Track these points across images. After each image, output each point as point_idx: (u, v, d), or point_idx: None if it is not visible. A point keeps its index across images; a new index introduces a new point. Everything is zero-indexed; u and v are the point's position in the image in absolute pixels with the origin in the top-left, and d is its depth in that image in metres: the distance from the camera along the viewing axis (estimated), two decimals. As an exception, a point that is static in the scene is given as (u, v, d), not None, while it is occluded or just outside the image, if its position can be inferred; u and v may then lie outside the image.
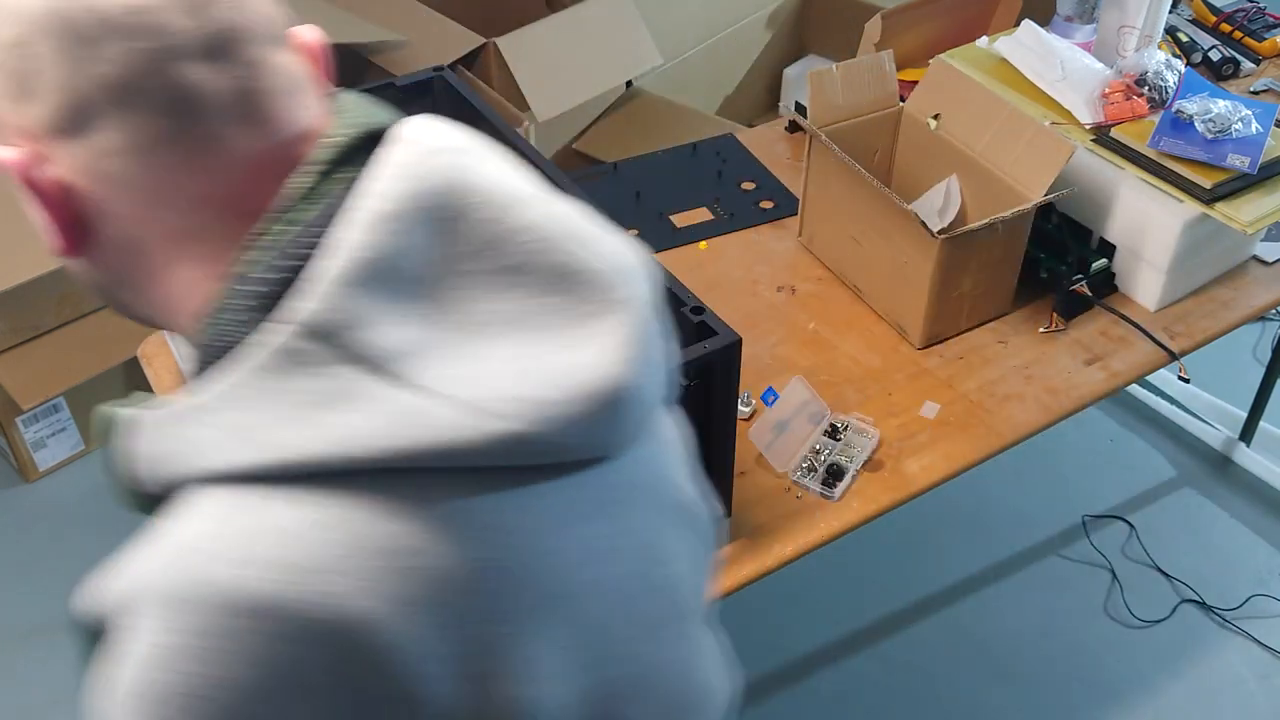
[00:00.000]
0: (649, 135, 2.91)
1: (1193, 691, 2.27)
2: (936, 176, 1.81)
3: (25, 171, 0.68)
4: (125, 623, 0.65)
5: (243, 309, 0.67)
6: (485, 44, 2.68)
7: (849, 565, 2.50)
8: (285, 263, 0.67)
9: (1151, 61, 1.84)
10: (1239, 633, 2.38)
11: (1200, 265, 1.81)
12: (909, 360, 1.71)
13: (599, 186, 2.05)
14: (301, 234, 0.68)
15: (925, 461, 1.56)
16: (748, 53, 3.40)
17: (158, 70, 0.66)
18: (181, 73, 0.66)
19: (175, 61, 0.66)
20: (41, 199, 0.69)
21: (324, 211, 0.68)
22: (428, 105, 1.73)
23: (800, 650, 2.35)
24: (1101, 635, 2.38)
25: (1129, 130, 1.79)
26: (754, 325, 1.77)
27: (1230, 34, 2.24)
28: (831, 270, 1.87)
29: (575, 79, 2.78)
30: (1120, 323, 1.77)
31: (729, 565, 1.41)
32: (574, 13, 2.82)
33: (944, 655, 2.34)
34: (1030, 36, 1.97)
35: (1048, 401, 1.65)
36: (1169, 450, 2.78)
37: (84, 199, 0.69)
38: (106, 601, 0.68)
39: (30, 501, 2.61)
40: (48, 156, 0.68)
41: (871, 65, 1.81)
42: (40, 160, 0.68)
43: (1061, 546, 2.55)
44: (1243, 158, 1.69)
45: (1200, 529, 2.59)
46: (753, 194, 2.03)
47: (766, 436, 1.52)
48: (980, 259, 1.67)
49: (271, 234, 0.68)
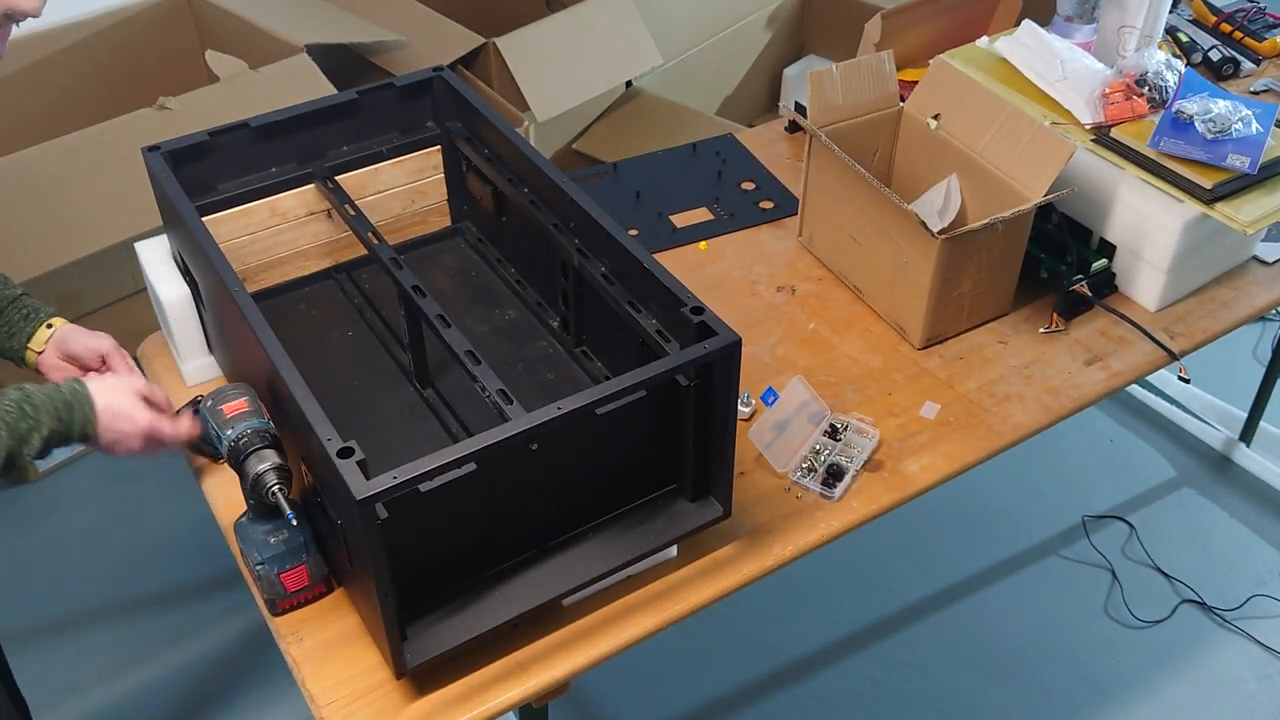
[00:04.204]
0: (649, 135, 2.91)
1: (1193, 691, 2.27)
2: (936, 176, 1.81)
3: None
4: None
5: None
6: (485, 44, 2.68)
7: (849, 565, 2.50)
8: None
9: (1151, 61, 1.84)
10: (1239, 633, 2.37)
11: (1200, 265, 1.81)
12: (909, 360, 1.71)
13: (599, 186, 2.05)
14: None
15: (925, 461, 1.56)
16: (748, 53, 3.40)
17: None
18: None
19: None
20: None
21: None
22: (427, 105, 1.73)
23: (800, 650, 2.35)
24: (1101, 635, 2.38)
25: (1129, 130, 1.79)
26: (754, 325, 1.77)
27: (1230, 34, 2.24)
28: (831, 270, 1.87)
29: (575, 79, 2.78)
30: (1120, 323, 1.77)
31: (729, 565, 1.41)
32: (574, 13, 2.82)
33: (944, 655, 2.34)
34: (1030, 36, 1.97)
35: (1048, 401, 1.65)
36: (1169, 450, 2.78)
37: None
38: None
39: (30, 501, 2.61)
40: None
41: (871, 65, 1.81)
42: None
43: (1061, 546, 2.55)
44: (1243, 158, 1.69)
45: (1200, 529, 2.59)
46: (753, 194, 2.03)
47: (766, 436, 1.52)
48: (980, 259, 1.67)
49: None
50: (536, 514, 1.29)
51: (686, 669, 2.30)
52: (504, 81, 2.70)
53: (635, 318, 1.36)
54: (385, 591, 1.14)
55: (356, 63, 2.74)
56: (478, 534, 1.25)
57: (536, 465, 1.23)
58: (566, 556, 1.32)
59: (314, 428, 1.13)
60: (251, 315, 1.28)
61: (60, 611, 2.40)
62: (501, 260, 1.77)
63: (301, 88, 2.42)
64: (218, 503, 1.48)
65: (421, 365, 1.55)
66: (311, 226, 1.70)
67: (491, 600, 1.27)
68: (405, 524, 1.16)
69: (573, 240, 1.48)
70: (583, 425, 1.24)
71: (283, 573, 1.30)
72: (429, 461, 1.10)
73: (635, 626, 1.34)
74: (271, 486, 1.24)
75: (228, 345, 1.53)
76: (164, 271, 1.60)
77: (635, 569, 1.38)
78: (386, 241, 1.55)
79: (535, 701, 1.31)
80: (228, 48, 2.58)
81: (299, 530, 1.30)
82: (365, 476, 1.08)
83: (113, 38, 2.77)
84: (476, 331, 1.66)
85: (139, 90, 2.76)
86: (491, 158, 1.66)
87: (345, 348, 1.65)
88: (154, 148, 1.54)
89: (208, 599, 2.42)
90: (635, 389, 1.21)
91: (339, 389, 1.57)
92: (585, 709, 2.24)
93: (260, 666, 2.29)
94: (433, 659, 1.22)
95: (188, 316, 1.59)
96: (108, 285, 2.30)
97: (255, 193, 1.62)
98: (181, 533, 2.46)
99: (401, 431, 1.51)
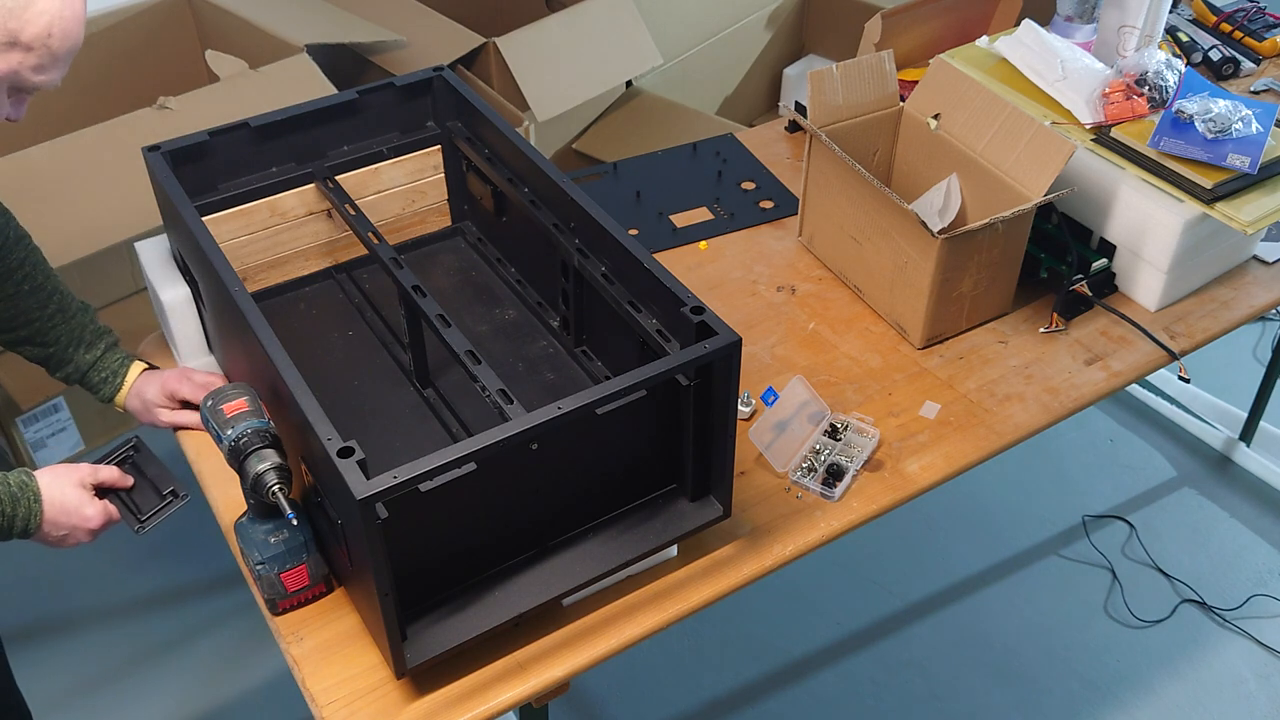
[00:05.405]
0: (649, 135, 2.91)
1: (1193, 691, 2.27)
2: (936, 176, 1.81)
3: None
4: None
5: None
6: (485, 44, 2.67)
7: (849, 565, 2.50)
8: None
9: (1151, 61, 1.84)
10: (1239, 633, 2.37)
11: (1200, 265, 1.81)
12: (909, 360, 1.71)
13: (599, 186, 2.05)
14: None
15: (925, 461, 1.56)
16: (748, 53, 3.40)
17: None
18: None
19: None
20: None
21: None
22: (428, 105, 1.73)
23: (800, 650, 2.35)
24: (1101, 635, 2.38)
25: (1129, 130, 1.79)
26: (754, 325, 1.77)
27: (1230, 34, 2.24)
28: (831, 270, 1.87)
29: (575, 79, 2.78)
30: (1120, 323, 1.77)
31: (729, 565, 1.41)
32: (574, 13, 2.82)
33: (944, 655, 2.34)
34: (1030, 36, 1.97)
35: (1048, 401, 1.65)
36: (1169, 450, 2.78)
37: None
38: None
39: (30, 501, 2.61)
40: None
41: (871, 65, 1.81)
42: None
43: (1061, 546, 2.55)
44: (1243, 157, 1.69)
45: (1200, 529, 2.59)
46: (753, 194, 2.03)
47: (766, 436, 1.52)
48: (980, 259, 1.67)
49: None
50: (537, 514, 1.29)
51: (686, 669, 2.30)
52: (504, 81, 2.70)
53: (635, 318, 1.36)
54: (385, 591, 1.14)
55: (356, 63, 2.74)
56: (478, 534, 1.25)
57: (536, 465, 1.23)
58: (566, 556, 1.32)
59: (314, 427, 1.13)
60: (251, 315, 1.28)
61: (60, 611, 2.40)
62: (501, 260, 1.77)
63: (301, 88, 2.42)
64: (218, 503, 1.48)
65: (421, 365, 1.55)
66: (311, 226, 1.70)
67: (491, 600, 1.27)
68: (405, 524, 1.16)
69: (573, 240, 1.48)
70: (583, 425, 1.24)
71: (283, 572, 1.30)
72: (429, 461, 1.10)
73: (635, 626, 1.34)
74: (272, 486, 1.24)
75: (228, 345, 1.53)
76: (164, 271, 1.60)
77: (635, 569, 1.38)
78: (386, 241, 1.55)
79: (535, 701, 1.31)
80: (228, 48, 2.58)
81: (299, 530, 1.30)
82: (365, 476, 1.08)
83: (113, 38, 2.77)
84: (476, 331, 1.66)
85: (139, 90, 2.76)
86: (491, 157, 1.66)
87: (345, 348, 1.65)
88: (154, 148, 1.54)
89: (208, 599, 2.42)
90: (635, 389, 1.21)
91: (339, 389, 1.57)
92: (585, 709, 2.24)
93: (260, 666, 2.30)
94: (433, 659, 1.22)
95: (188, 316, 1.59)
96: (108, 285, 2.30)
97: (255, 193, 1.62)
98: (181, 533, 2.46)
99: (401, 431, 1.51)
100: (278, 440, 1.28)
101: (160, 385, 1.55)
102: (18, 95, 1.29)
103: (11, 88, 1.27)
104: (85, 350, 1.56)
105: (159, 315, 1.64)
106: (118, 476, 1.43)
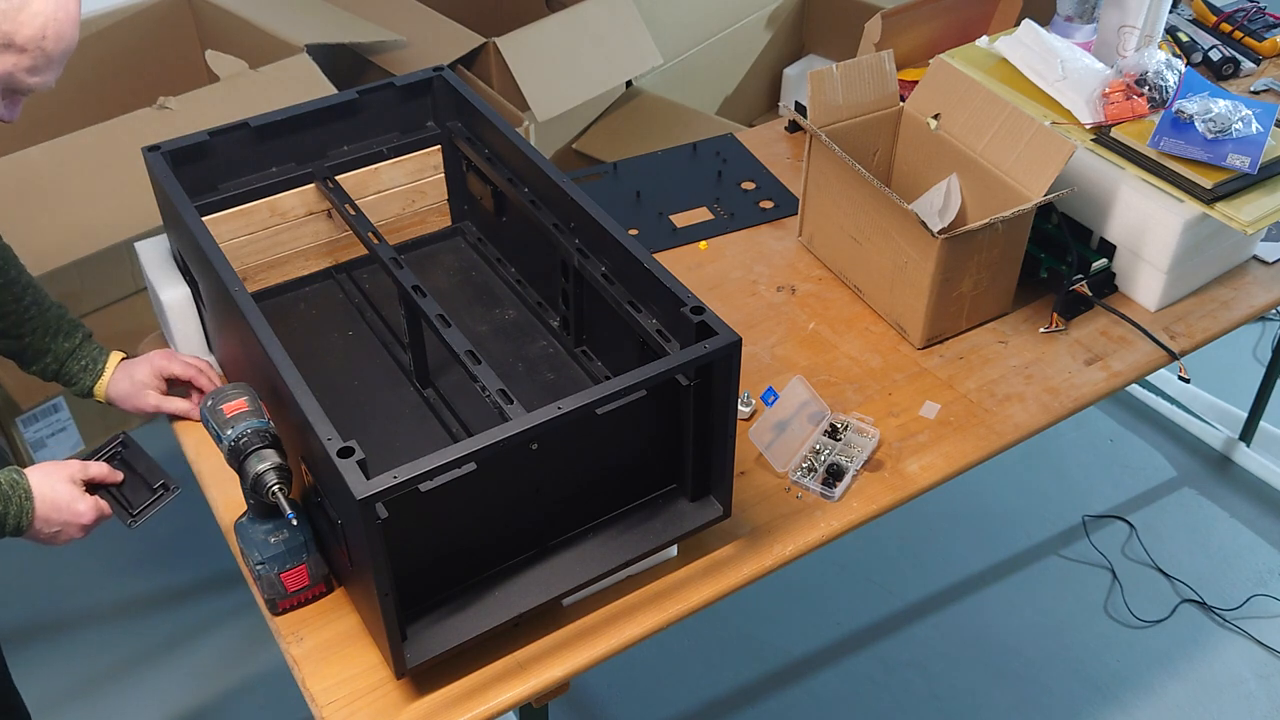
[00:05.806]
0: (649, 135, 2.91)
1: (1193, 691, 2.27)
2: (936, 176, 1.81)
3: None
4: None
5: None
6: (485, 44, 2.67)
7: (849, 565, 2.50)
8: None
9: (1151, 61, 1.84)
10: (1239, 633, 2.37)
11: (1200, 265, 1.81)
12: (909, 360, 1.71)
13: (599, 186, 2.05)
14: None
15: (925, 461, 1.56)
16: (748, 53, 3.40)
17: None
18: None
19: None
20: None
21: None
22: (428, 105, 1.73)
23: (800, 650, 2.35)
24: (1101, 635, 2.38)
25: (1129, 130, 1.79)
26: (754, 325, 1.77)
27: (1230, 34, 2.24)
28: (831, 270, 1.87)
29: (575, 79, 2.78)
30: (1120, 323, 1.77)
31: (729, 565, 1.41)
32: (574, 13, 2.82)
33: (944, 655, 2.34)
34: (1030, 36, 1.97)
35: (1048, 401, 1.65)
36: (1169, 450, 2.78)
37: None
38: None
39: (30, 501, 2.61)
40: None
41: (871, 65, 1.81)
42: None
43: (1061, 546, 2.55)
44: (1243, 157, 1.69)
45: (1200, 529, 2.59)
46: (753, 194, 2.03)
47: (766, 436, 1.52)
48: (980, 259, 1.67)
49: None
50: (536, 514, 1.29)
51: (686, 669, 2.30)
52: (504, 81, 2.70)
53: (635, 317, 1.36)
54: (385, 591, 1.14)
55: (356, 63, 2.73)
56: (478, 534, 1.25)
57: (536, 465, 1.23)
58: (566, 556, 1.32)
59: (314, 427, 1.13)
60: (251, 315, 1.28)
61: (59, 612, 2.40)
62: (501, 260, 1.77)
63: (301, 88, 2.42)
64: (218, 503, 1.48)
65: (421, 365, 1.55)
66: (311, 226, 1.70)
67: (491, 600, 1.27)
68: (405, 524, 1.16)
69: (573, 240, 1.48)
70: (583, 425, 1.24)
71: (283, 572, 1.30)
72: (429, 461, 1.10)
73: (635, 626, 1.34)
74: (271, 486, 1.24)
75: (228, 345, 1.52)
76: (164, 271, 1.60)
77: (635, 569, 1.38)
78: (386, 241, 1.55)
79: (535, 701, 1.31)
80: (228, 48, 2.58)
81: (299, 530, 1.30)
82: (365, 476, 1.08)
83: (113, 38, 2.77)
84: (476, 331, 1.66)
85: (139, 90, 2.76)
86: (491, 157, 1.66)
87: (345, 348, 1.65)
88: (154, 148, 1.54)
89: (208, 599, 2.42)
90: (635, 389, 1.21)
91: (339, 389, 1.57)
92: (585, 709, 2.24)
93: (260, 667, 2.30)
94: (433, 659, 1.22)
95: (188, 316, 1.59)
96: (108, 285, 2.30)
97: (255, 192, 1.62)
98: (181, 533, 2.46)
99: (401, 431, 1.51)
100: (277, 440, 1.27)
101: (149, 363, 1.55)
102: (12, 97, 1.29)
103: (6, 89, 1.27)
104: (64, 339, 1.55)
105: (159, 315, 1.64)
106: (107, 472, 1.43)
